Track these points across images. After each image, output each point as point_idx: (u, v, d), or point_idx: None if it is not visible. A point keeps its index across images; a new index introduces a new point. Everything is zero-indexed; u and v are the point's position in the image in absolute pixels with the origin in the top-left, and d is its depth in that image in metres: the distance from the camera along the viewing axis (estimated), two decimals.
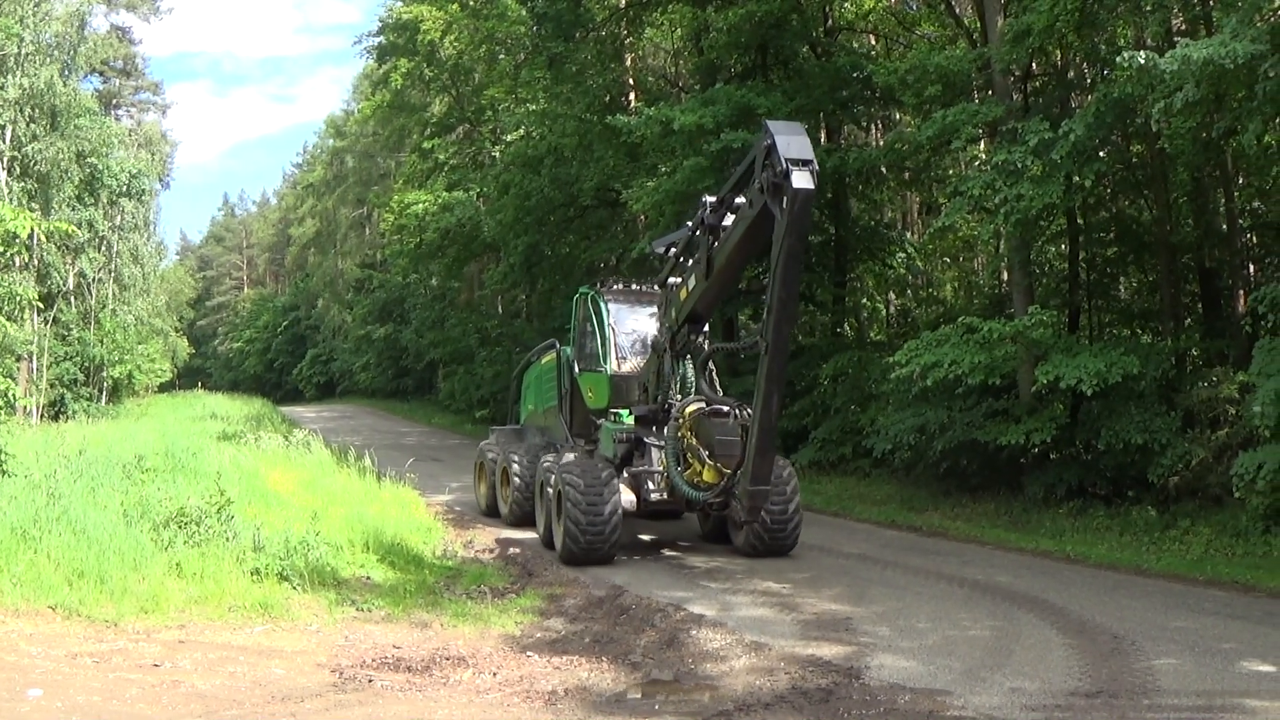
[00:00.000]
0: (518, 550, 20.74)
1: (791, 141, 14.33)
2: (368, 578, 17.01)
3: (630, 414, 20.50)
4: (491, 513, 25.08)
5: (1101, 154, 24.24)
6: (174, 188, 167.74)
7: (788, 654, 12.80)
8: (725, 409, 18.22)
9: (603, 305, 22.22)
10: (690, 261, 19.16)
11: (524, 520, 22.85)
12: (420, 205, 48.82)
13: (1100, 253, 28.37)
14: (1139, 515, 22.01)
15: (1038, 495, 24.11)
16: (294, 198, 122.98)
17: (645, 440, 19.91)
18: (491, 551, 21.04)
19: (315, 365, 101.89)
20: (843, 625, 14.39)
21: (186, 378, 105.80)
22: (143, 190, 58.82)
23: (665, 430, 18.66)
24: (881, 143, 36.17)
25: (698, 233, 18.50)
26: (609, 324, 22.00)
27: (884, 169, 33.71)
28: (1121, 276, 29.70)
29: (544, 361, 25.03)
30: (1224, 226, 25.50)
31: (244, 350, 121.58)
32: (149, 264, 66.31)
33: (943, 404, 25.55)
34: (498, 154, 48.90)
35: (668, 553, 20.44)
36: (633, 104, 37.95)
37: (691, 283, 18.61)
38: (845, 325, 35.78)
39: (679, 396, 19.51)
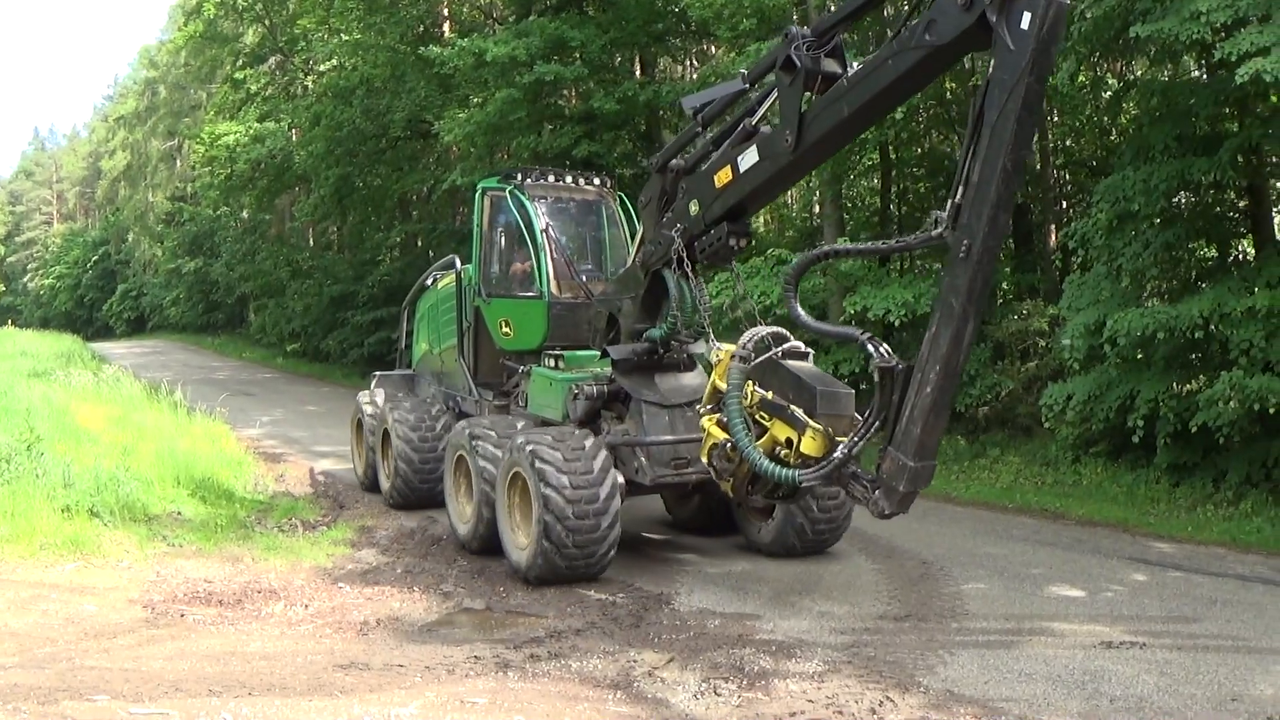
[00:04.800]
0: (329, 483, 20.57)
1: None
2: (179, 513, 16.64)
3: (602, 356, 14.24)
4: (373, 486, 19.31)
5: None
6: None
7: (595, 580, 12.91)
8: (805, 347, 11.71)
9: (528, 205, 16.13)
10: (725, 134, 12.38)
11: (413, 503, 17.67)
12: (231, 136, 47.85)
13: (912, 187, 28.79)
14: (948, 444, 22.41)
15: None
16: (105, 130, 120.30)
17: (637, 396, 13.76)
18: (303, 485, 20.82)
19: (126, 301, 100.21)
20: (653, 554, 14.56)
21: None
22: None
23: (728, 377, 11.24)
24: (696, 77, 36.19)
25: (752, 89, 12.17)
26: (541, 231, 15.98)
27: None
28: (933, 211, 30.13)
29: (441, 286, 19.10)
30: (1037, 164, 26.07)
31: (54, 287, 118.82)
32: None
33: None
34: (310, 85, 48.32)
35: None
36: (446, 35, 37.58)
37: (748, 160, 11.73)
38: None
39: (707, 328, 12.64)
